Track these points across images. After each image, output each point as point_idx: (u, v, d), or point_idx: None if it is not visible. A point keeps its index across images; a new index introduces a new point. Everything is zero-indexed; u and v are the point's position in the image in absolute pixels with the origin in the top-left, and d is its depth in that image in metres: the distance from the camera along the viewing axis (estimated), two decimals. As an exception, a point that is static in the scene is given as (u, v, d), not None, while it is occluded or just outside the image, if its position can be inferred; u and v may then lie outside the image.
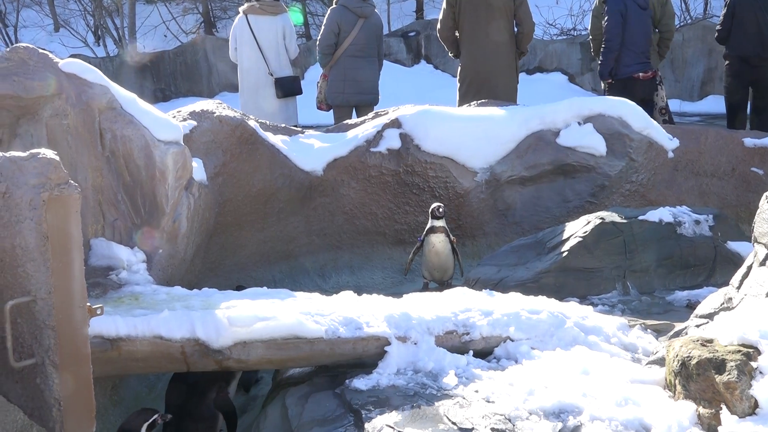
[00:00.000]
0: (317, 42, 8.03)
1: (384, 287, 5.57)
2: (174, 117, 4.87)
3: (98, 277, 3.71)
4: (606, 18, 7.29)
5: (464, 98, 7.36)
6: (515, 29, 7.42)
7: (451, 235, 5.18)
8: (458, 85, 7.62)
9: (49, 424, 2.45)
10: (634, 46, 7.13)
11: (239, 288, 4.40)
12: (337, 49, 7.78)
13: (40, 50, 3.87)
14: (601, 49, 7.35)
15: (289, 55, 7.95)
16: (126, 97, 4.12)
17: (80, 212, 2.49)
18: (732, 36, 7.84)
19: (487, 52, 7.32)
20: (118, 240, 4.01)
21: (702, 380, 2.56)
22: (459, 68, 7.64)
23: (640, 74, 7.15)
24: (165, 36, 18.17)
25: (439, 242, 5.13)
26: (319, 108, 8.11)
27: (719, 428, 2.41)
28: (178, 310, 3.24)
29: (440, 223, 5.15)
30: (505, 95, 7.22)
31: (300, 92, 8.01)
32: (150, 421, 3.09)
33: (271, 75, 7.78)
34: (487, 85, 7.32)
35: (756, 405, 2.40)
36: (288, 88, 7.83)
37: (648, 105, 7.00)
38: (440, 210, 5.13)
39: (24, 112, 3.78)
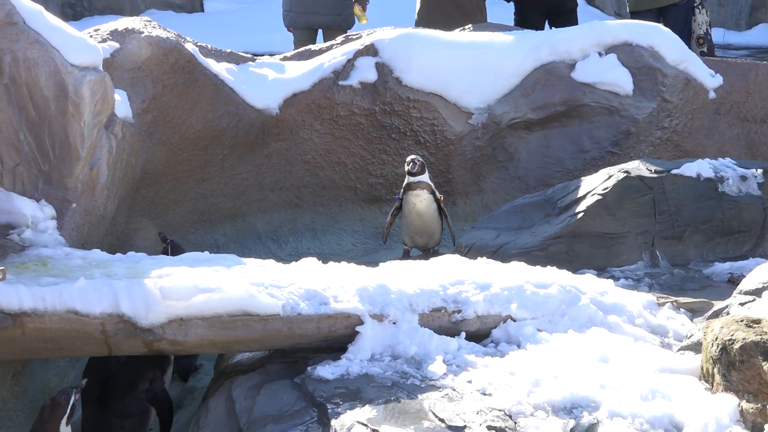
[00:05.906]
0: None
1: (354, 255, 5.59)
2: (91, 36, 4.81)
3: (-5, 236, 3.69)
4: None
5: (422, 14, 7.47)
6: None
7: (437, 193, 5.18)
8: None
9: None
10: None
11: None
12: None
13: None
14: None
15: None
16: (30, 9, 4.06)
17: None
18: None
19: None
20: (20, 191, 3.98)
21: (746, 368, 2.60)
22: None
23: None
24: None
25: (420, 201, 5.11)
26: (287, 29, 8.10)
27: (766, 426, 2.45)
28: (97, 278, 3.23)
29: (420, 178, 5.08)
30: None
31: None
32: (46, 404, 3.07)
33: None
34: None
35: (811, 399, 2.46)
36: None
37: (684, 33, 7.02)
38: (415, 165, 5.02)
39: None
